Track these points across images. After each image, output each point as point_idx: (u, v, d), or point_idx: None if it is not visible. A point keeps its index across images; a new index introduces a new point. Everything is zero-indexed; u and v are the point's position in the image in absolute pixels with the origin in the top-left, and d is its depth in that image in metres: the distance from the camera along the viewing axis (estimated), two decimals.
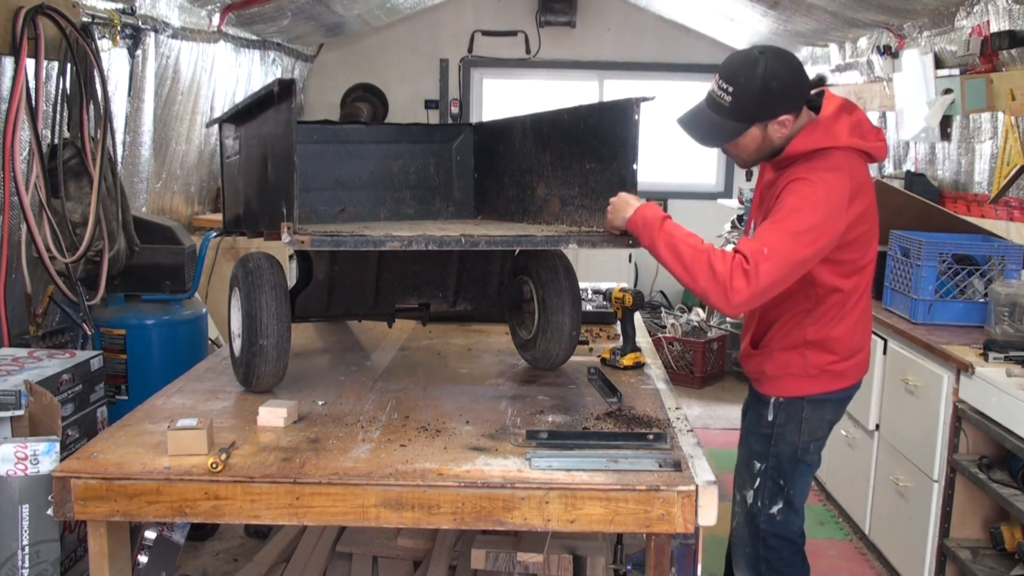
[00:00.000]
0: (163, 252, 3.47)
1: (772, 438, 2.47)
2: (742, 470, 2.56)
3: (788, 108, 2.23)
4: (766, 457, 2.48)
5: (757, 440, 2.51)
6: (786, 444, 2.46)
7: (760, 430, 2.50)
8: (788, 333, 2.40)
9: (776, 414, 2.45)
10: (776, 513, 2.49)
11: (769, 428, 2.47)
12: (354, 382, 2.52)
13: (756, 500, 2.50)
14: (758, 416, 2.51)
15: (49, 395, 2.33)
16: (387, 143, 2.97)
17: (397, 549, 2.94)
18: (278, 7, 4.94)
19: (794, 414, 2.44)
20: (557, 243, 2.18)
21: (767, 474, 2.48)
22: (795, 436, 2.45)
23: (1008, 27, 3.66)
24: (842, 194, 2.19)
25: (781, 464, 2.47)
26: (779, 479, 2.48)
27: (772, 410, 2.46)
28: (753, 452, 2.52)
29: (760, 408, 2.50)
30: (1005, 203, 3.90)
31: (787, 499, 2.49)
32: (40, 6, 2.84)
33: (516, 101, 7.18)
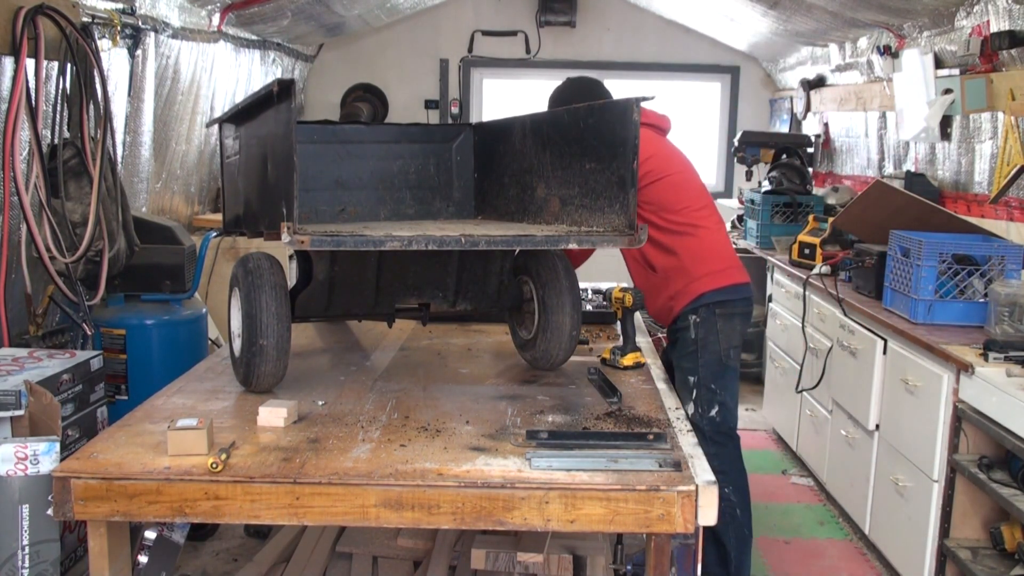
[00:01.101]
0: (163, 252, 3.47)
1: (698, 352, 2.97)
2: (679, 391, 2.88)
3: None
4: (695, 370, 2.98)
5: (686, 359, 3.00)
6: (710, 353, 2.97)
7: (686, 349, 3.00)
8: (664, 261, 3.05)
9: (696, 331, 2.98)
10: (715, 415, 2.96)
11: (694, 345, 2.98)
12: (354, 382, 2.52)
13: (697, 408, 2.96)
14: (684, 341, 3.02)
15: (49, 395, 2.33)
16: (387, 143, 2.97)
17: (397, 549, 2.94)
18: (278, 7, 4.94)
19: (711, 326, 2.97)
20: (557, 243, 2.17)
21: (700, 384, 2.96)
22: (716, 344, 2.97)
23: (1008, 27, 3.66)
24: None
25: (710, 372, 2.97)
26: (711, 384, 2.97)
27: (693, 328, 2.98)
28: (685, 370, 3.00)
29: (682, 334, 3.02)
30: (1005, 203, 3.90)
31: (721, 401, 2.97)
32: (40, 6, 2.84)
33: (516, 101, 7.18)
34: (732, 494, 3.00)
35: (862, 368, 3.67)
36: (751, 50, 7.05)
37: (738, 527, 3.04)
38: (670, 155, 3.16)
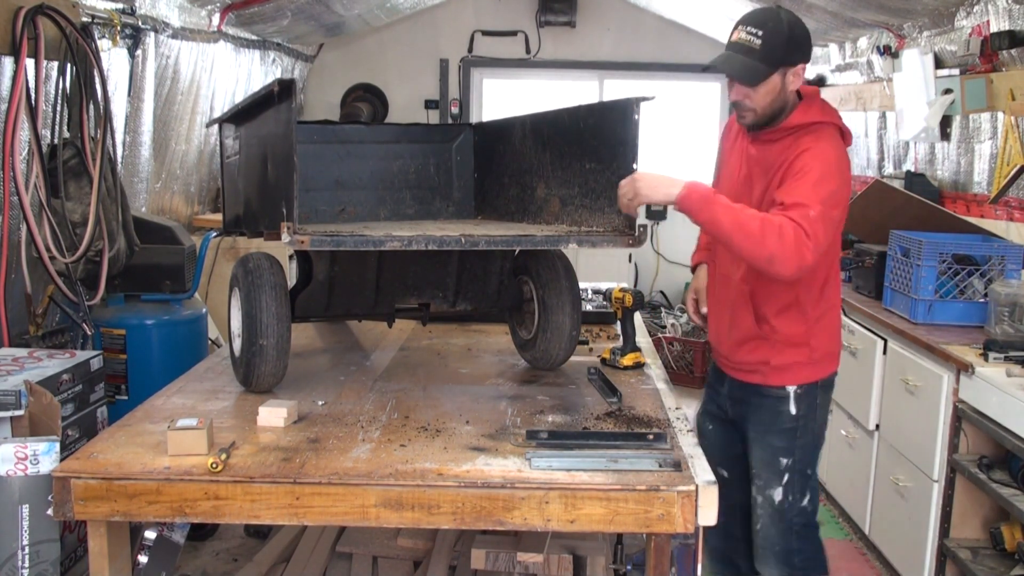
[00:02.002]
0: (163, 252, 3.47)
1: (796, 431, 2.45)
2: (762, 471, 2.49)
3: (804, 58, 2.33)
4: (792, 451, 2.45)
5: (779, 436, 2.46)
6: (810, 434, 2.47)
7: (781, 425, 2.46)
8: (793, 318, 2.41)
9: (799, 407, 2.45)
10: (807, 504, 2.48)
11: (793, 422, 2.45)
12: (354, 382, 2.52)
13: (786, 496, 2.46)
14: (775, 413, 2.46)
15: (49, 395, 2.33)
16: (387, 143, 2.97)
17: (397, 549, 2.94)
18: (278, 7, 4.94)
19: (812, 403, 2.46)
20: (557, 243, 2.18)
21: (795, 468, 2.45)
22: (814, 424, 2.48)
23: (1008, 27, 3.66)
24: (847, 163, 2.33)
25: (808, 455, 2.48)
26: (806, 469, 2.47)
27: (794, 403, 2.44)
28: (776, 449, 2.46)
29: (775, 404, 2.46)
30: (1005, 203, 3.90)
31: (813, 487, 2.50)
32: (40, 6, 2.84)
33: (516, 101, 7.17)
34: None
35: (862, 368, 3.67)
36: None
37: None
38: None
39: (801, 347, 2.43)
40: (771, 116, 2.35)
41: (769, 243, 2.10)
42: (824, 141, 2.29)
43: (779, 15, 2.29)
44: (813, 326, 2.42)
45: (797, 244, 2.10)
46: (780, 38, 2.26)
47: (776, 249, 2.10)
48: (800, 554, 2.49)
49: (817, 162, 2.23)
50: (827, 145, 2.28)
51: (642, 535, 2.20)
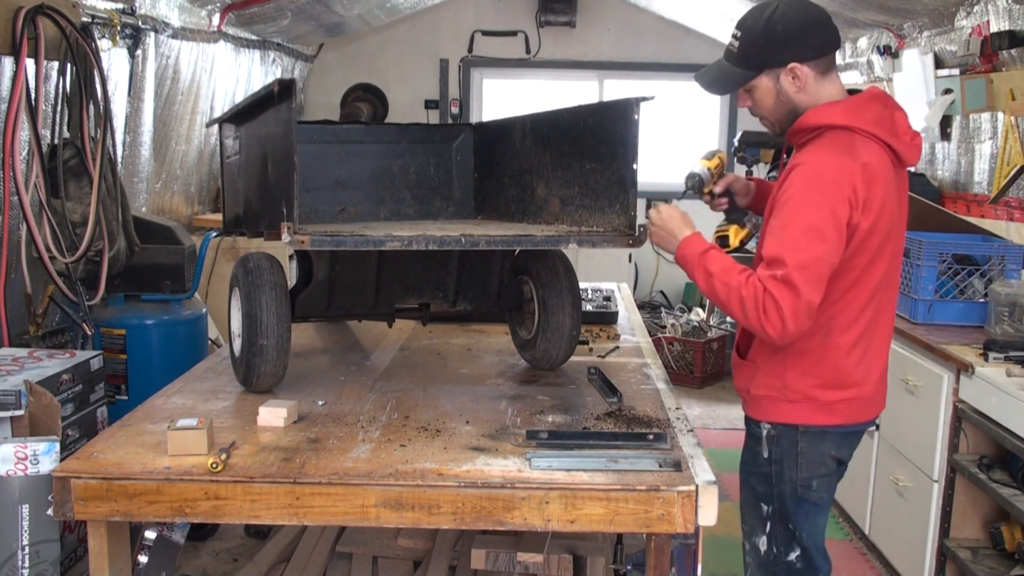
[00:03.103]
0: (163, 252, 3.47)
1: (772, 476, 2.18)
2: (748, 515, 2.27)
3: (795, 55, 2.03)
4: (771, 499, 2.19)
5: (758, 480, 2.22)
6: (786, 483, 2.17)
7: (758, 468, 2.21)
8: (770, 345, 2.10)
9: (771, 449, 2.17)
10: (795, 560, 2.20)
11: (767, 466, 2.19)
12: (354, 382, 2.52)
13: (771, 548, 2.21)
14: (754, 452, 2.22)
15: (49, 395, 2.33)
16: (387, 143, 2.97)
17: (397, 549, 2.94)
18: (278, 7, 4.94)
19: (789, 448, 2.15)
20: (557, 243, 2.17)
21: (775, 518, 2.19)
22: (793, 472, 2.15)
23: (1008, 27, 3.66)
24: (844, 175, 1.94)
25: (785, 506, 2.18)
26: (788, 523, 2.19)
27: (766, 444, 2.18)
28: (757, 494, 2.22)
29: (754, 443, 2.23)
30: (1005, 203, 3.90)
31: (802, 545, 2.19)
32: (40, 6, 2.84)
33: (516, 101, 7.18)
34: None
35: None
36: None
37: None
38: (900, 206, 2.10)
39: (774, 379, 2.14)
40: (787, 122, 2.11)
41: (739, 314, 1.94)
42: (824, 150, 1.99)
43: (763, 12, 2.03)
44: (789, 359, 2.11)
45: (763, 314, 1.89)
46: (756, 38, 2.04)
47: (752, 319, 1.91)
48: None
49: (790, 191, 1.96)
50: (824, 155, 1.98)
51: (642, 535, 2.20)
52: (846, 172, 1.95)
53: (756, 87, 2.11)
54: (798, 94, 2.07)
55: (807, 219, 1.92)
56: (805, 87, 2.06)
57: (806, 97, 2.07)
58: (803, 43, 2.04)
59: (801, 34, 2.04)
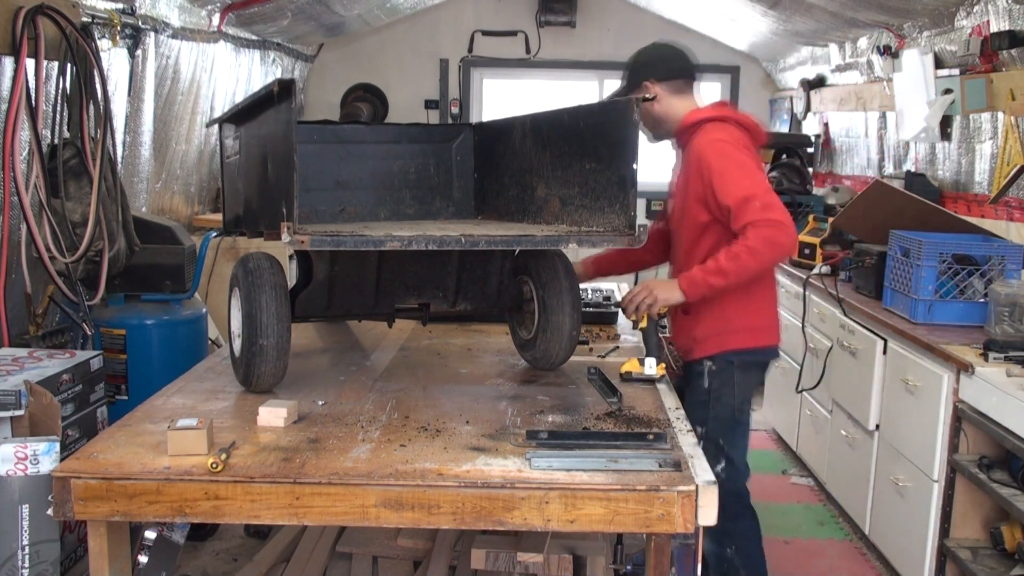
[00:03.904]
0: (163, 252, 3.47)
1: (710, 403, 2.73)
2: None
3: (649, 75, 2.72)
4: (705, 421, 2.71)
5: (695, 407, 2.68)
6: (723, 407, 2.73)
7: (698, 397, 2.74)
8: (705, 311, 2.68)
9: (711, 380, 2.72)
10: (720, 471, 2.70)
11: (706, 395, 2.73)
12: (354, 382, 2.52)
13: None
14: (695, 387, 2.76)
15: (49, 395, 2.33)
16: (387, 143, 2.97)
17: (397, 549, 2.94)
18: (278, 7, 4.94)
19: (727, 379, 2.72)
20: (557, 243, 2.17)
21: (708, 436, 2.69)
22: (730, 399, 2.73)
23: (1008, 27, 3.66)
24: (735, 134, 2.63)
25: (720, 426, 2.74)
26: (718, 439, 2.73)
27: (707, 377, 2.72)
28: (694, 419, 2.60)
29: (696, 379, 2.75)
30: (1005, 203, 3.90)
31: (728, 457, 2.75)
32: (40, 6, 2.84)
33: (516, 101, 7.17)
34: (735, 556, 2.79)
35: (862, 368, 3.67)
36: (751, 50, 7.05)
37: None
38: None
39: (717, 320, 2.69)
40: (658, 131, 2.79)
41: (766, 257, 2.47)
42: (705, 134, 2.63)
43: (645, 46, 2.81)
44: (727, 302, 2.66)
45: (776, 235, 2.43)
46: (627, 66, 2.79)
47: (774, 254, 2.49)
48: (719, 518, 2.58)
49: (715, 153, 2.56)
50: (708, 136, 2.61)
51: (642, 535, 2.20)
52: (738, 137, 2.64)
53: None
54: (660, 109, 2.73)
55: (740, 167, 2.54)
56: (660, 100, 2.71)
57: (661, 108, 2.73)
58: (657, 67, 2.75)
59: (657, 61, 2.78)
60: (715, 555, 2.79)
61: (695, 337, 2.74)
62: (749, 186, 2.49)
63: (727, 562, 2.80)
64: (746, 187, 2.49)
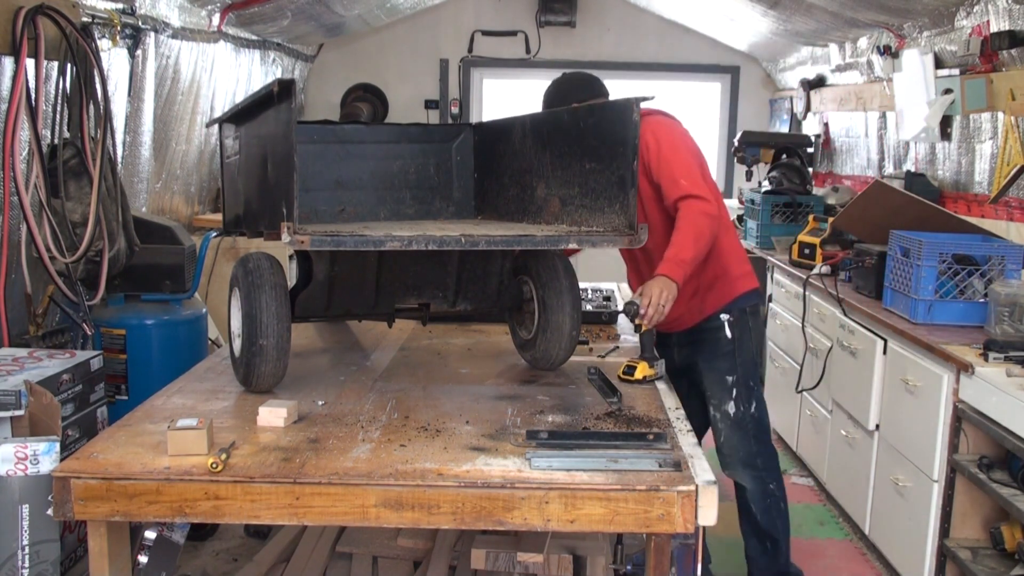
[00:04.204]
0: (163, 252, 3.46)
1: (735, 352, 2.97)
2: (715, 391, 2.99)
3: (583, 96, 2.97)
4: (734, 369, 2.96)
5: (722, 360, 2.97)
6: (746, 350, 2.99)
7: (722, 349, 2.98)
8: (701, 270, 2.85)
9: (732, 330, 2.97)
10: (755, 411, 2.98)
11: (731, 345, 2.97)
12: (354, 382, 2.52)
13: (738, 408, 2.96)
14: (715, 341, 2.98)
15: (49, 395, 2.33)
16: (387, 143, 2.98)
17: (397, 549, 2.94)
18: (278, 7, 4.94)
19: (744, 325, 2.98)
20: (557, 243, 2.18)
21: (739, 383, 2.96)
22: (750, 342, 3.00)
23: (1008, 27, 3.66)
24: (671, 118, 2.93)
25: (748, 369, 3.00)
26: (749, 382, 2.99)
27: (728, 329, 2.97)
28: (722, 370, 2.98)
29: (713, 334, 2.98)
30: (1005, 203, 3.90)
31: (758, 397, 3.01)
32: (40, 6, 2.84)
33: (516, 101, 7.17)
34: (776, 489, 3.04)
35: (862, 368, 3.67)
36: (751, 50, 7.04)
37: (784, 518, 3.08)
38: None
39: (716, 272, 2.92)
40: None
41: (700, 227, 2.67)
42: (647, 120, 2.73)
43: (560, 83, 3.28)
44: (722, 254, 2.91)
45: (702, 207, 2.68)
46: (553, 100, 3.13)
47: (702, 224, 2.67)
48: (760, 456, 2.98)
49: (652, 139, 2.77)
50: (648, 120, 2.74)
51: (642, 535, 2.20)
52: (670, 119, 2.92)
53: None
54: None
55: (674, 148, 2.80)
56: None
57: None
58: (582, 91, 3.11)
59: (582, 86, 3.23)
60: (759, 492, 3.00)
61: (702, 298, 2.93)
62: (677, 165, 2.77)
63: (771, 496, 3.01)
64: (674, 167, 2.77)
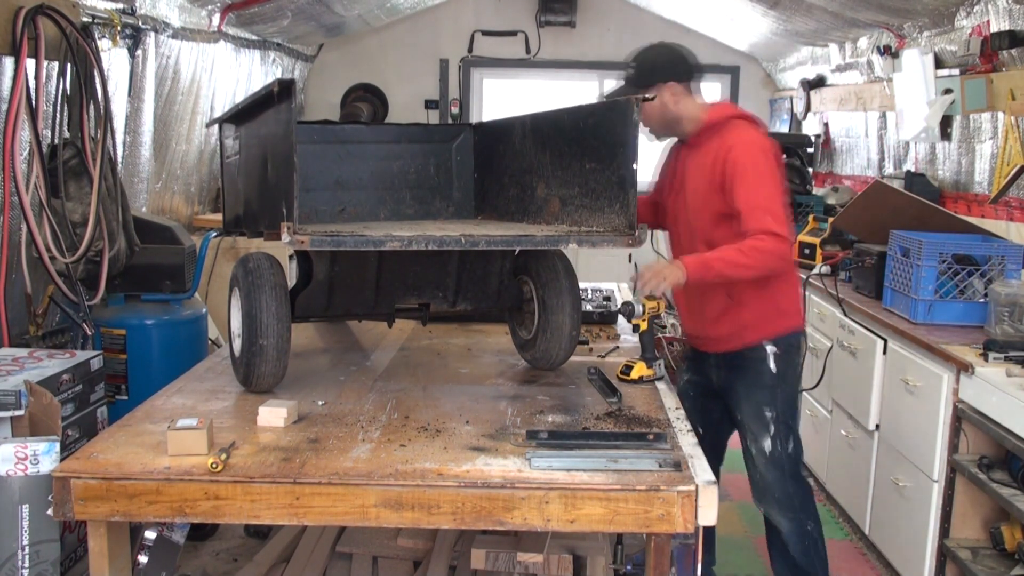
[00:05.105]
0: (163, 252, 3.47)
1: (777, 386, 2.79)
2: (752, 424, 2.82)
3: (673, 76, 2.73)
4: (774, 404, 2.79)
5: (762, 392, 2.80)
6: (788, 386, 2.83)
7: (763, 382, 2.80)
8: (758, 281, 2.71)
9: (777, 363, 2.79)
10: (792, 450, 2.82)
11: (773, 378, 2.79)
12: (354, 382, 2.52)
13: (775, 446, 2.80)
14: (757, 372, 2.80)
15: (49, 395, 2.33)
16: (387, 143, 2.98)
17: (397, 549, 2.94)
18: (278, 7, 4.94)
19: (789, 359, 2.83)
20: (557, 243, 2.18)
21: (779, 419, 2.79)
22: (793, 378, 2.86)
23: (1008, 27, 3.66)
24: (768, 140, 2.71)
25: (788, 406, 2.83)
26: (788, 420, 2.82)
27: (773, 361, 2.79)
28: (761, 402, 2.80)
29: (756, 364, 2.80)
30: (1005, 203, 3.90)
31: (796, 436, 2.85)
32: (40, 6, 2.84)
33: (516, 101, 7.17)
34: (814, 529, 2.90)
35: (862, 368, 3.67)
36: (751, 50, 7.05)
37: (823, 560, 2.93)
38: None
39: (768, 302, 2.76)
40: (669, 129, 2.80)
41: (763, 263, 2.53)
42: (741, 131, 2.68)
43: (649, 48, 2.81)
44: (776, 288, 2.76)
45: (778, 247, 2.53)
46: (644, 65, 2.76)
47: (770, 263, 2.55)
48: (796, 496, 2.85)
49: (747, 156, 2.61)
50: (745, 134, 2.67)
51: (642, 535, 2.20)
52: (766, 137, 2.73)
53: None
54: (678, 107, 2.74)
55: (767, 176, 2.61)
56: (683, 101, 2.74)
57: (685, 109, 2.75)
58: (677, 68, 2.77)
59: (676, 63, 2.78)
60: (797, 533, 2.86)
61: (744, 323, 2.78)
62: (765, 196, 2.58)
63: (808, 537, 2.88)
64: (762, 196, 2.57)
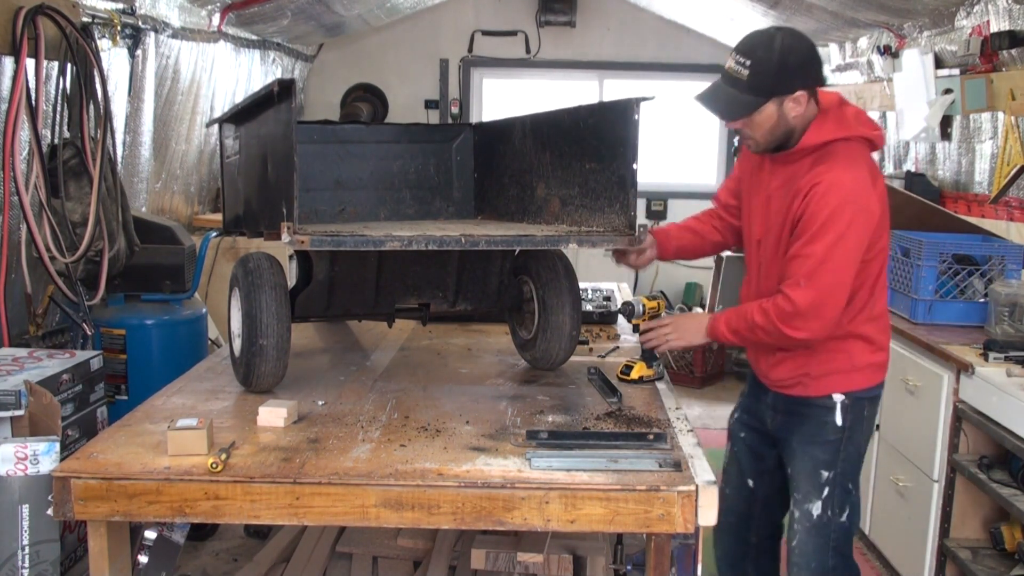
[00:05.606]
0: (163, 252, 3.47)
1: (841, 443, 2.37)
2: (802, 483, 2.41)
3: (804, 84, 2.18)
4: (834, 464, 2.38)
5: (822, 449, 2.38)
6: (854, 447, 2.40)
7: (825, 437, 2.38)
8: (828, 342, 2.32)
9: (845, 418, 2.36)
10: (845, 520, 2.39)
11: (838, 433, 2.37)
12: (354, 382, 2.52)
13: (825, 511, 2.38)
14: (820, 424, 2.38)
15: (49, 395, 2.33)
16: (387, 143, 2.98)
17: (397, 549, 2.94)
18: (278, 7, 4.94)
19: (859, 415, 2.38)
20: (557, 243, 2.18)
21: (836, 482, 2.38)
22: (860, 437, 2.41)
23: (1008, 27, 3.66)
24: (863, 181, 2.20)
25: (851, 467, 2.40)
26: (847, 484, 2.39)
27: (840, 415, 2.36)
28: (819, 462, 2.38)
29: (821, 415, 2.38)
30: (1005, 203, 3.90)
31: (853, 503, 2.41)
32: (40, 6, 2.84)
33: (516, 101, 7.17)
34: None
35: None
36: None
37: None
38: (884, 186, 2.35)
39: (838, 354, 2.34)
40: (777, 143, 2.27)
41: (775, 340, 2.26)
42: (838, 167, 2.19)
43: (772, 41, 2.16)
44: (848, 335, 2.33)
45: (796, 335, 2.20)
46: (770, 68, 2.15)
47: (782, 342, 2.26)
48: (835, 572, 2.41)
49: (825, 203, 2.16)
50: (840, 173, 2.17)
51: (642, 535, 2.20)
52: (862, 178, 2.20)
53: (759, 112, 2.21)
54: (796, 118, 2.23)
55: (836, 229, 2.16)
56: (804, 112, 2.23)
57: (801, 120, 2.24)
58: (810, 73, 2.21)
59: (807, 64, 2.21)
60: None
61: (810, 373, 2.37)
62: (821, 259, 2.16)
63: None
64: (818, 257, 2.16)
